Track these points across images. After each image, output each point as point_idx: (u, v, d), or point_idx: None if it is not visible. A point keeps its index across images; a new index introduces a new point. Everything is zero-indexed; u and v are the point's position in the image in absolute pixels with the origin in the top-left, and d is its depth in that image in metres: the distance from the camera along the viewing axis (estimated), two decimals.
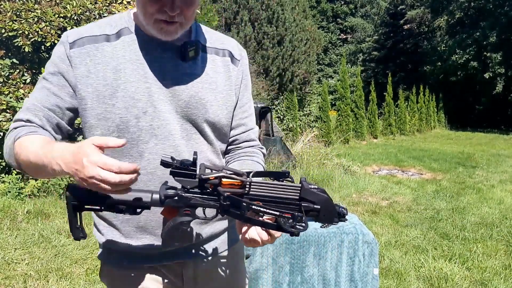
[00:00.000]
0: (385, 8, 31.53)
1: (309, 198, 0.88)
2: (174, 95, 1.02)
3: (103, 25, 1.03)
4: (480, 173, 7.96)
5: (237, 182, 0.88)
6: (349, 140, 12.99)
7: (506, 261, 3.58)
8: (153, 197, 0.89)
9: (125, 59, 0.99)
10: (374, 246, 2.13)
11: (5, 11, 4.89)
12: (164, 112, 1.00)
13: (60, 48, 1.00)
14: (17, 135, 0.94)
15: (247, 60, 1.18)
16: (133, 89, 0.98)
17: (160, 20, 0.95)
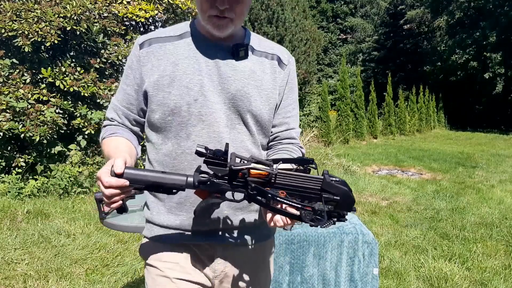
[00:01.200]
0: (385, 8, 31.52)
1: (330, 190, 0.95)
2: (223, 88, 1.16)
3: (169, 30, 1.22)
4: (480, 173, 7.96)
5: (264, 172, 0.96)
6: (349, 140, 12.99)
7: (506, 261, 3.58)
8: (188, 180, 1.00)
9: (183, 56, 1.16)
10: (374, 246, 2.13)
11: (5, 11, 4.89)
12: (213, 102, 1.15)
13: (133, 51, 1.20)
14: (103, 134, 1.22)
15: (295, 67, 1.32)
16: (187, 80, 1.14)
17: (212, 16, 1.10)
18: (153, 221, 1.22)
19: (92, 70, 5.27)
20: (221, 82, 1.16)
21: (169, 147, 1.16)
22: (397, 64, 29.17)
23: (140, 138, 1.30)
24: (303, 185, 0.97)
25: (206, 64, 1.16)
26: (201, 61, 1.16)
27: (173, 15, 5.97)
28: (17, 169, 5.01)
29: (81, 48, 5.45)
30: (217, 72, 1.16)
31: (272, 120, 1.25)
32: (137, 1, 5.62)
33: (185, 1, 5.77)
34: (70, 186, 4.97)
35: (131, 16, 5.45)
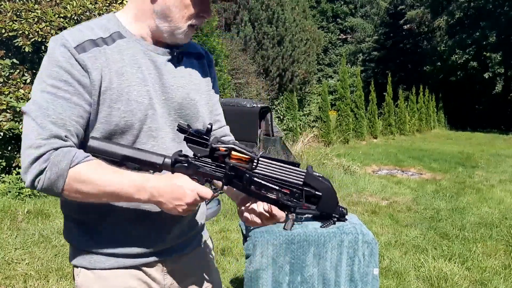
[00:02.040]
0: (385, 8, 31.52)
1: (312, 184, 0.91)
2: (167, 98, 1.05)
3: (94, 28, 1.00)
4: (479, 173, 7.97)
5: (246, 157, 0.91)
6: (349, 140, 13.00)
7: (505, 261, 3.58)
8: (165, 160, 0.93)
9: (124, 63, 1.00)
10: (374, 246, 2.13)
11: (5, 11, 4.89)
12: (160, 115, 1.04)
13: (65, 54, 0.94)
14: (73, 159, 0.89)
15: (214, 63, 1.26)
16: (135, 93, 0.99)
17: (192, 26, 1.02)
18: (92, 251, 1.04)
19: None
20: (164, 91, 1.05)
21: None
22: (397, 64, 29.17)
23: None
24: (285, 177, 0.92)
25: (149, 72, 1.03)
26: (143, 69, 1.02)
27: None
28: (17, 169, 5.01)
29: None
30: (159, 80, 1.04)
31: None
32: None
33: None
34: None
35: None
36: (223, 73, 8.37)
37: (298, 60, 12.81)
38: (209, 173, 0.94)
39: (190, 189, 0.91)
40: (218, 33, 9.56)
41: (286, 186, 0.92)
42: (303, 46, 13.06)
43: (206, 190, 0.92)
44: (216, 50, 8.10)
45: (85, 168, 0.89)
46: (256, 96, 10.27)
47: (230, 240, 3.93)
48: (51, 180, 0.88)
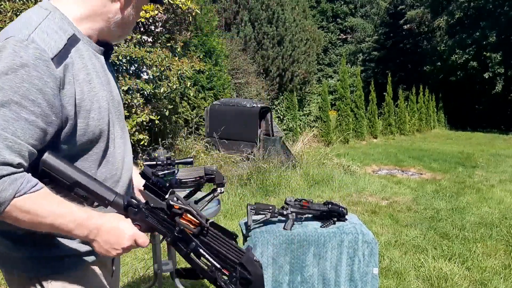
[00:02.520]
0: (385, 8, 31.50)
1: (247, 267, 0.90)
2: (113, 98, 1.07)
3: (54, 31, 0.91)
4: (479, 173, 7.96)
5: (196, 222, 0.91)
6: (349, 140, 13.00)
7: (505, 260, 3.58)
8: (115, 199, 0.93)
9: (88, 69, 0.96)
10: (374, 246, 2.13)
11: (5, 11, 4.89)
12: (113, 116, 1.06)
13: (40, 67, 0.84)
14: (20, 188, 0.82)
15: None
16: (101, 98, 0.98)
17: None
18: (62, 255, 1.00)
19: None
20: (110, 91, 1.05)
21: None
22: (397, 64, 29.15)
23: None
24: (225, 252, 0.92)
25: (103, 75, 1.03)
26: (99, 72, 1.01)
27: (173, 15, 5.97)
28: None
29: None
30: (107, 81, 1.05)
31: None
32: None
33: (185, 1, 5.78)
34: None
35: None
36: (223, 73, 8.37)
37: (298, 60, 12.81)
38: (155, 226, 0.93)
39: (129, 235, 0.92)
40: (218, 33, 9.56)
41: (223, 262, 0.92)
42: (303, 46, 13.06)
43: (144, 239, 0.93)
44: (216, 50, 8.09)
45: (30, 199, 0.84)
46: (256, 96, 10.27)
47: None
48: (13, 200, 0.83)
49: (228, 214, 4.67)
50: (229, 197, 5.17)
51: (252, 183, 5.80)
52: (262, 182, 5.80)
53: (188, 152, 6.35)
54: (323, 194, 5.74)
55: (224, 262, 0.92)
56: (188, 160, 2.08)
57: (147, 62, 5.23)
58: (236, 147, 6.84)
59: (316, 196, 5.61)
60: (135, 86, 5.19)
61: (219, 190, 2.07)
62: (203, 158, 6.29)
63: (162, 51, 5.44)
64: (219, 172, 2.09)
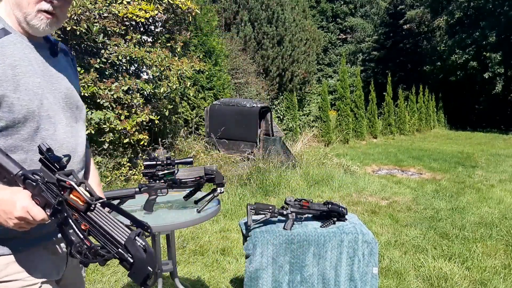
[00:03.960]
0: (385, 8, 31.50)
1: (129, 248, 0.90)
2: (56, 88, 1.17)
3: None
4: (479, 173, 7.97)
5: (83, 198, 0.93)
6: (348, 140, 13.00)
7: (505, 260, 3.58)
8: (18, 172, 0.97)
9: (16, 57, 1.08)
10: (373, 246, 2.13)
11: None
12: (53, 103, 1.15)
13: None
14: None
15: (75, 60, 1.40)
16: (31, 83, 1.09)
17: (42, 11, 1.07)
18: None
19: (92, 70, 5.27)
20: (53, 82, 1.17)
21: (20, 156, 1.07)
22: (397, 64, 29.15)
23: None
24: (109, 231, 0.92)
25: (38, 65, 1.14)
26: (32, 62, 1.12)
27: (173, 15, 5.97)
28: None
29: (81, 48, 5.45)
30: (48, 72, 1.16)
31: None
32: (137, 1, 5.62)
33: (185, 1, 5.78)
34: None
35: (131, 16, 5.45)
36: (223, 73, 8.37)
37: (298, 60, 12.81)
38: (49, 200, 0.96)
39: (21, 206, 0.95)
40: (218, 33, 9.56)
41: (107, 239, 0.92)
42: (303, 46, 13.05)
43: (37, 211, 0.95)
44: (216, 50, 8.10)
45: None
46: (256, 96, 10.27)
47: (230, 240, 3.93)
48: None
49: (228, 214, 4.68)
50: (229, 197, 5.17)
51: (252, 183, 5.81)
52: (262, 182, 5.80)
53: (188, 152, 6.35)
54: (323, 194, 5.74)
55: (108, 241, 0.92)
56: (188, 160, 2.09)
57: (147, 62, 5.23)
58: (236, 147, 6.84)
59: (316, 196, 5.61)
60: (135, 86, 5.19)
61: (219, 190, 2.07)
62: (203, 158, 6.29)
63: (162, 51, 5.44)
64: (219, 172, 2.09)
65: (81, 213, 0.94)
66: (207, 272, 3.23)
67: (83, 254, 0.91)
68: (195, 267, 3.31)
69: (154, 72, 5.27)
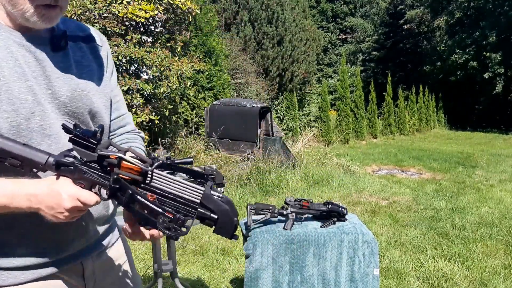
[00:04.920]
0: (385, 8, 31.51)
1: (208, 205, 0.83)
2: (54, 92, 0.95)
3: None
4: (479, 173, 7.97)
5: (137, 168, 0.83)
6: (348, 140, 13.00)
7: (505, 260, 3.58)
8: (48, 160, 0.84)
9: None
10: (374, 246, 2.13)
11: None
12: (50, 111, 0.94)
13: None
14: None
15: (108, 45, 1.15)
16: (17, 90, 0.89)
17: (41, 6, 0.89)
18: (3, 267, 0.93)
19: None
20: (50, 85, 0.95)
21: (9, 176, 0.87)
22: (397, 64, 29.16)
23: None
24: (180, 194, 0.83)
25: (28, 66, 0.92)
26: (21, 63, 0.91)
27: (173, 15, 5.97)
28: None
29: None
30: (42, 73, 0.94)
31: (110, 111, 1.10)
32: (137, 1, 5.62)
33: (185, 1, 5.78)
34: None
35: (131, 16, 5.45)
36: (223, 73, 8.38)
37: (298, 60, 12.81)
38: (97, 180, 0.85)
39: (68, 194, 0.83)
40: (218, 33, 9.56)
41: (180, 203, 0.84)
42: (303, 46, 13.06)
43: (88, 195, 0.84)
44: (216, 50, 8.10)
45: None
46: (256, 96, 10.27)
47: (230, 240, 3.92)
48: None
49: None
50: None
51: (252, 183, 5.80)
52: (262, 182, 5.80)
53: (188, 152, 6.35)
54: (323, 194, 5.74)
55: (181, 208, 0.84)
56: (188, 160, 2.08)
57: (147, 62, 5.23)
58: (236, 147, 6.84)
59: (316, 196, 5.61)
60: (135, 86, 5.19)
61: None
62: (203, 158, 6.29)
63: (162, 51, 5.44)
64: (219, 172, 2.09)
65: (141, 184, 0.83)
66: (207, 272, 3.23)
67: (172, 228, 0.80)
68: (195, 267, 3.31)
69: (154, 72, 5.27)
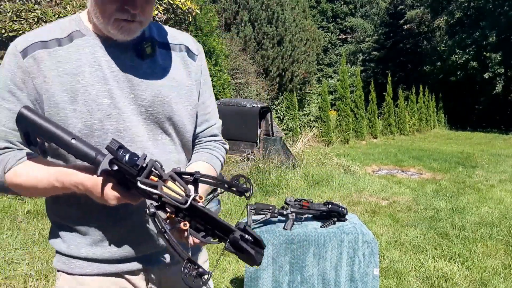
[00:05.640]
0: (385, 8, 31.52)
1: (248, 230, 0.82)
2: (136, 96, 1.00)
3: (52, 29, 0.98)
4: (479, 173, 7.97)
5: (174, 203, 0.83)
6: (349, 140, 13.00)
7: (505, 260, 3.58)
8: (97, 158, 0.85)
9: (81, 62, 0.96)
10: (374, 246, 2.13)
11: (5, 12, 4.89)
12: (128, 114, 0.99)
13: (11, 61, 0.94)
14: (6, 166, 0.93)
15: (204, 55, 1.18)
16: (94, 92, 0.95)
17: (120, 20, 0.93)
18: (73, 255, 1.03)
19: None
20: (133, 89, 0.99)
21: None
22: (397, 64, 29.17)
23: None
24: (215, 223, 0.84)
25: (111, 70, 0.98)
26: (104, 67, 0.97)
27: (173, 15, 5.98)
28: None
29: None
30: (125, 78, 0.99)
31: (195, 120, 1.12)
32: None
33: (185, 1, 5.78)
34: None
35: None
36: (223, 73, 8.38)
37: (298, 60, 12.81)
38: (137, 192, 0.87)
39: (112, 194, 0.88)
40: (218, 33, 9.56)
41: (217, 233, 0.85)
42: (303, 46, 13.05)
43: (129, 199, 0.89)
44: (216, 50, 8.10)
45: (18, 172, 0.93)
46: (256, 96, 10.27)
47: None
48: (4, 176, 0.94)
49: (228, 214, 4.67)
50: (229, 197, 5.17)
51: (252, 183, 5.80)
52: (262, 182, 5.80)
53: None
54: (323, 194, 5.74)
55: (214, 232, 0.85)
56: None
57: None
58: (236, 147, 6.84)
59: (316, 196, 5.61)
60: None
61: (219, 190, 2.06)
62: None
63: None
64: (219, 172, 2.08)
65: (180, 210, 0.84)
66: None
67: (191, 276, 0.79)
68: None
69: None
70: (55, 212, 1.05)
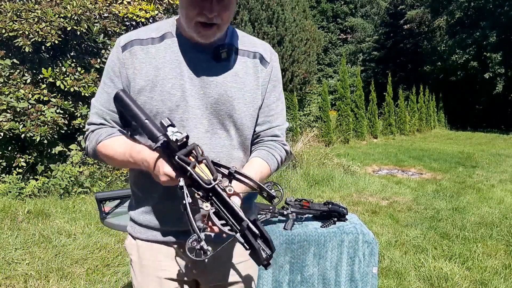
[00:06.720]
0: (385, 8, 31.52)
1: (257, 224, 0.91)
2: (205, 93, 1.16)
3: (150, 30, 1.19)
4: (480, 173, 7.97)
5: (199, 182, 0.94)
6: (349, 140, 13.00)
7: (506, 260, 3.58)
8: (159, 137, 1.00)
9: (165, 59, 1.15)
10: (374, 246, 2.13)
11: (5, 11, 4.89)
12: (194, 107, 1.15)
13: (114, 53, 1.17)
14: (98, 138, 1.15)
15: (278, 62, 1.32)
16: (170, 85, 1.13)
17: (199, 23, 1.08)
18: (135, 220, 1.25)
19: (93, 70, 5.28)
20: (203, 86, 1.15)
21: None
22: (397, 64, 29.17)
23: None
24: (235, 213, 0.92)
25: (188, 68, 1.15)
26: (182, 65, 1.15)
27: (173, 15, 5.98)
28: (17, 169, 5.01)
29: (82, 48, 5.45)
30: (199, 76, 1.15)
31: (256, 121, 1.24)
32: (138, 1, 5.63)
33: None
34: (70, 186, 4.98)
35: (132, 16, 5.46)
36: None
37: (298, 60, 12.80)
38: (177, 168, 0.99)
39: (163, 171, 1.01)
40: None
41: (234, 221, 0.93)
42: (303, 46, 13.04)
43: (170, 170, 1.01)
44: None
45: (105, 144, 1.15)
46: None
47: None
48: (90, 151, 1.20)
49: None
50: None
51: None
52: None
53: None
54: (323, 194, 5.74)
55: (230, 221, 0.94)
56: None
57: None
58: None
59: (316, 196, 5.61)
60: None
61: None
62: None
63: None
64: None
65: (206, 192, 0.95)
66: None
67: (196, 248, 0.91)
68: None
69: None
70: (132, 180, 1.25)
